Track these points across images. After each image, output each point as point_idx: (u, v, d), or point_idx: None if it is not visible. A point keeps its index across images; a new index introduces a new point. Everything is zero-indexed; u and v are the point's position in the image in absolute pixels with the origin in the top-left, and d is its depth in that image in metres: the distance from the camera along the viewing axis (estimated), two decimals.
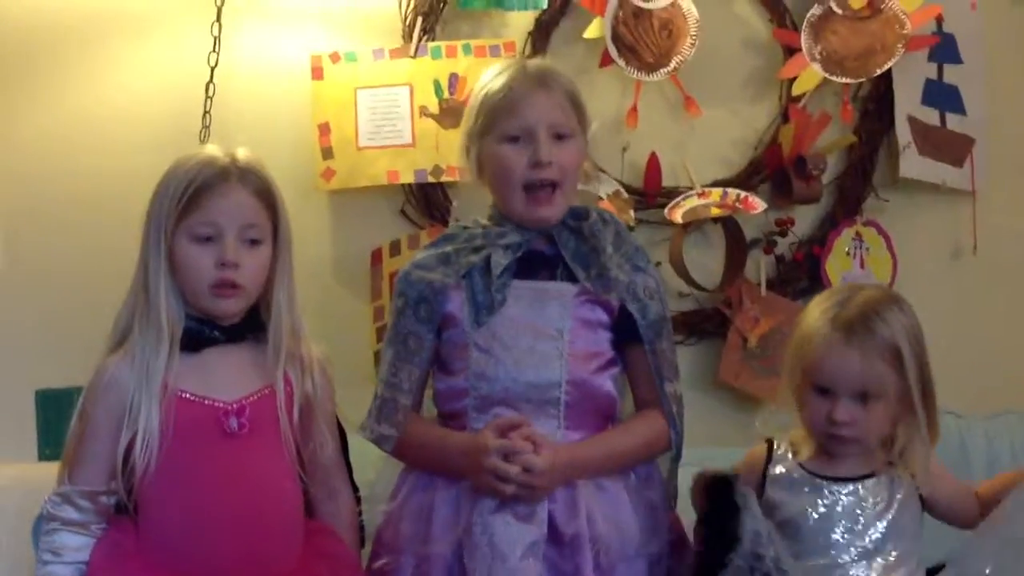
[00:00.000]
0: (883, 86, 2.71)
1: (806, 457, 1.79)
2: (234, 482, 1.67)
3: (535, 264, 1.82)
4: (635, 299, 1.80)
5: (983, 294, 2.80)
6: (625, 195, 2.60)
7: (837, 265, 2.69)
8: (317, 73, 2.54)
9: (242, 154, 1.75)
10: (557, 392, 1.76)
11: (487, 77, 1.86)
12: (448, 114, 2.55)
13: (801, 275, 2.70)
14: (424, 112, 2.56)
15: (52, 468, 1.77)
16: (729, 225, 2.65)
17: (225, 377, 1.70)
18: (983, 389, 2.77)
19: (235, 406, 1.68)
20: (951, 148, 2.73)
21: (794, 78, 2.66)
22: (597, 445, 1.78)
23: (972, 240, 2.76)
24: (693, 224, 2.62)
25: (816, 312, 1.79)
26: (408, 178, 2.55)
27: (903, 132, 2.69)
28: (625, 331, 1.82)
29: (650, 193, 2.64)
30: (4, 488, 2.13)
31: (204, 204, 1.69)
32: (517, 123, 1.80)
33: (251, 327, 1.74)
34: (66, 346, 2.33)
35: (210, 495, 1.66)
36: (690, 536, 1.83)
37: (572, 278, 1.81)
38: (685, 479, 1.93)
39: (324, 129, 2.54)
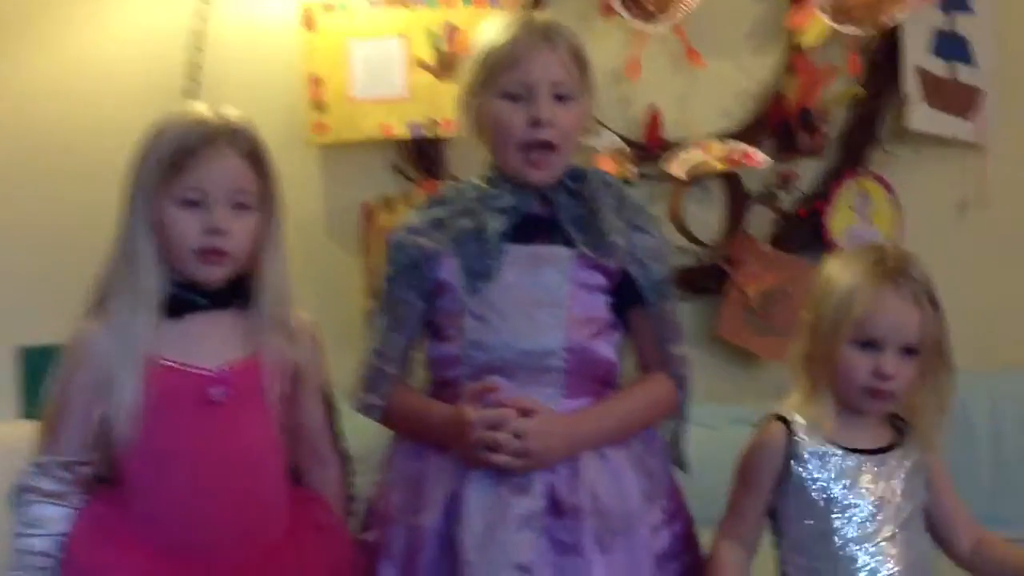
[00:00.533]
0: (891, 37, 2.63)
1: (829, 429, 1.73)
2: (217, 452, 1.61)
3: (531, 228, 1.75)
4: (636, 261, 1.74)
5: (990, 249, 2.73)
6: (626, 149, 2.52)
7: (840, 220, 2.62)
8: (308, 23, 2.45)
9: (233, 114, 1.67)
10: (556, 360, 1.70)
11: (490, 30, 1.78)
12: (444, 66, 2.47)
13: (804, 230, 2.63)
14: (420, 64, 2.48)
15: (35, 428, 1.71)
16: (731, 179, 2.59)
17: (209, 344, 1.63)
18: (989, 345, 2.72)
19: (219, 374, 1.62)
20: (960, 100, 2.66)
21: (799, 29, 2.57)
22: (604, 413, 1.72)
23: (980, 194, 2.69)
24: (694, 178, 2.55)
25: (849, 270, 1.72)
26: (402, 132, 2.48)
27: (912, 84, 2.61)
28: (627, 294, 1.76)
29: (651, 147, 2.57)
30: None
31: (192, 168, 1.61)
32: (518, 79, 1.72)
33: (237, 293, 1.66)
34: (51, 301, 2.26)
35: (193, 465, 1.60)
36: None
37: (569, 242, 1.74)
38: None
39: (316, 81, 2.46)
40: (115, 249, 1.65)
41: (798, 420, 1.73)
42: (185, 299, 1.64)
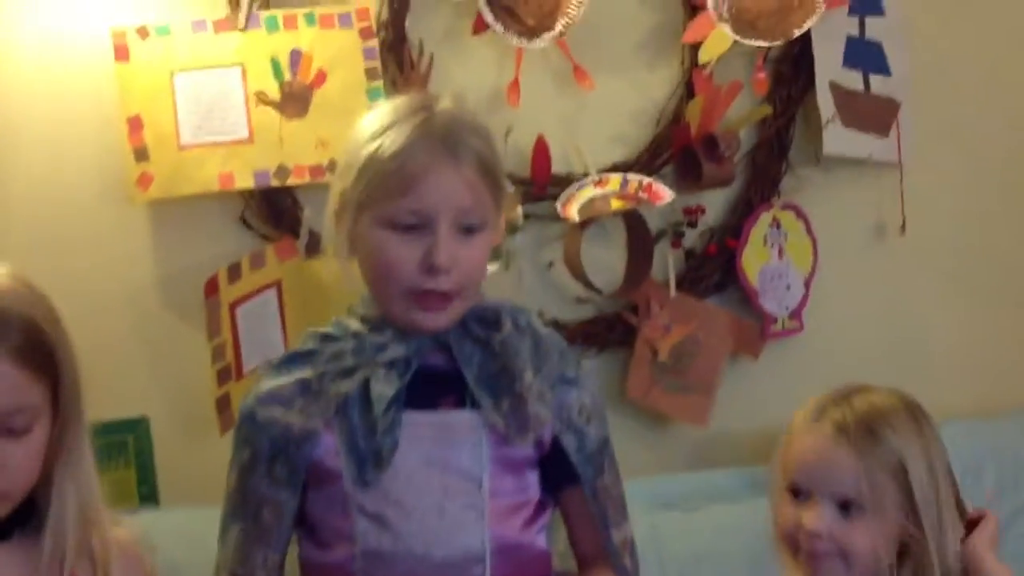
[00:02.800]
0: (797, 46, 2.25)
1: None
2: None
3: (432, 385, 1.29)
4: (569, 427, 1.30)
5: (911, 275, 2.40)
6: (510, 188, 2.10)
7: (754, 257, 2.24)
8: (121, 53, 1.95)
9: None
10: (480, 567, 1.25)
11: (374, 122, 1.30)
12: (291, 100, 2.01)
13: (714, 271, 2.25)
14: (261, 99, 2.01)
15: None
16: (631, 217, 2.19)
17: None
18: (912, 379, 2.39)
19: None
20: (876, 115, 2.29)
21: (698, 42, 2.18)
22: None
23: (899, 217, 2.36)
24: (590, 220, 2.14)
25: (806, 409, 1.42)
26: (246, 182, 1.99)
27: (825, 102, 2.23)
28: (558, 466, 1.32)
29: (539, 183, 2.15)
30: None
31: None
32: (410, 207, 1.26)
33: (22, 518, 1.17)
34: None
35: None
36: None
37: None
38: None
39: (135, 124, 1.96)
40: None
41: None
42: None
